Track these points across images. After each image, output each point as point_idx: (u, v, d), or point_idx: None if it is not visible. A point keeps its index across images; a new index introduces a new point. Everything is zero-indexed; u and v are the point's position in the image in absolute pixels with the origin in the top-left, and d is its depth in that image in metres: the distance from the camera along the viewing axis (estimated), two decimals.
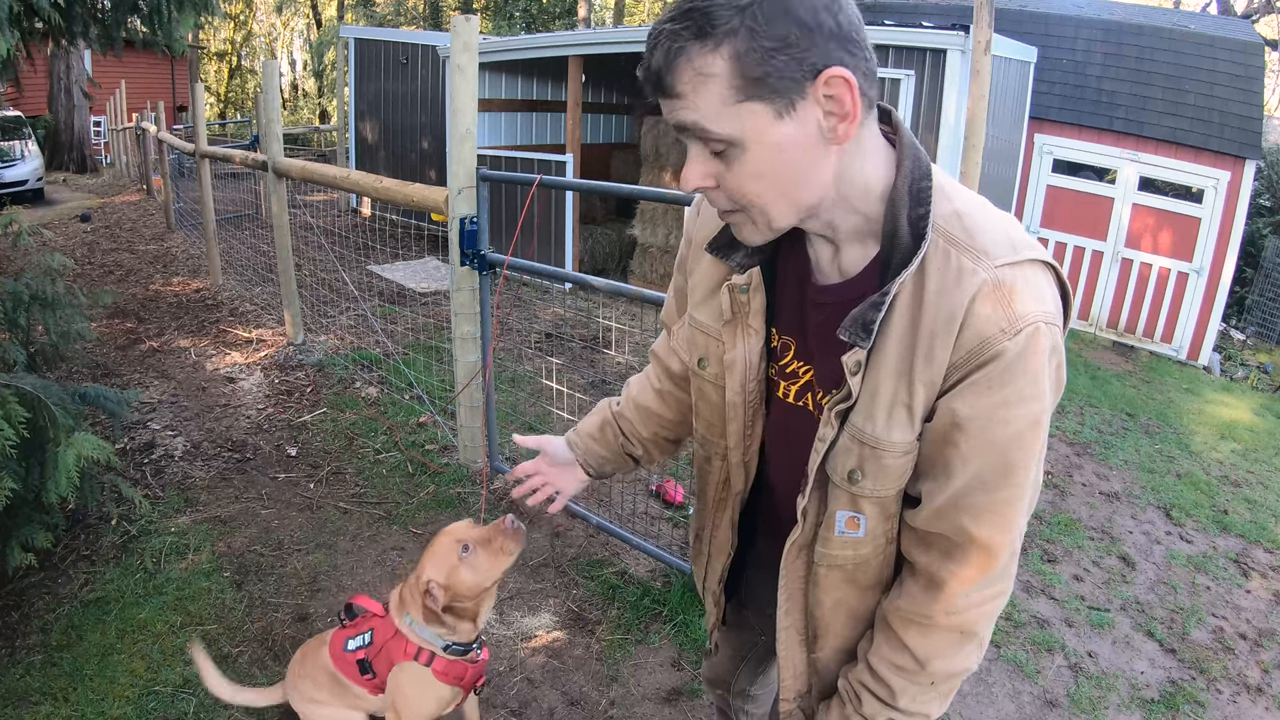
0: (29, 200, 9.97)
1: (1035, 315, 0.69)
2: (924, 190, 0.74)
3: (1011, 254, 0.71)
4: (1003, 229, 0.74)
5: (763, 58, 0.65)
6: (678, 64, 0.68)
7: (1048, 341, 0.70)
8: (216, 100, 25.50)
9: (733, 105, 0.68)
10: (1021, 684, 2.34)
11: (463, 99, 2.70)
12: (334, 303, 5.57)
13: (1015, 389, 0.70)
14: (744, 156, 0.70)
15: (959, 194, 0.76)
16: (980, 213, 0.75)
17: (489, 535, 1.44)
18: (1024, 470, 0.73)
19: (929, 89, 4.17)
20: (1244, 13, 14.36)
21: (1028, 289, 0.70)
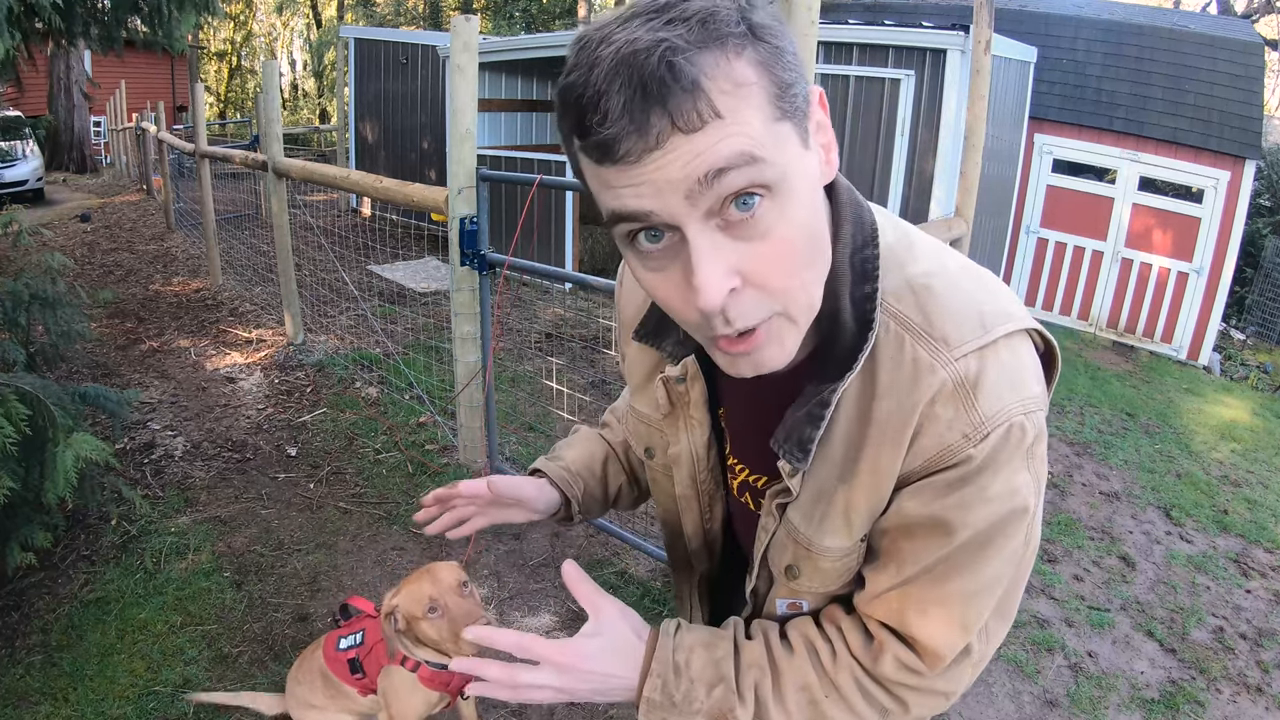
0: (29, 200, 9.97)
1: (1008, 410, 0.57)
2: (869, 261, 0.61)
3: (980, 335, 0.58)
4: (970, 299, 0.60)
5: (780, 82, 0.51)
6: (707, 75, 0.47)
7: (1026, 434, 0.58)
8: (216, 100, 25.50)
9: (774, 124, 0.50)
10: (1021, 684, 2.34)
11: (463, 99, 2.70)
12: (334, 303, 5.57)
13: (977, 488, 0.58)
14: (785, 210, 0.51)
15: (917, 256, 0.63)
16: (942, 279, 0.61)
17: (459, 617, 1.39)
18: (983, 570, 0.61)
19: (929, 89, 4.17)
20: (1244, 13, 14.36)
21: (1000, 377, 0.58)
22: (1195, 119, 6.35)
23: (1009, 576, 0.63)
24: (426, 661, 1.50)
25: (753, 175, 0.48)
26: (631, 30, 0.47)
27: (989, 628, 0.68)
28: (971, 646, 0.67)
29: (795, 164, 0.51)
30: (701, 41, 0.47)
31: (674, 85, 0.46)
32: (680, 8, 0.48)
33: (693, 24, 0.47)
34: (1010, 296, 0.63)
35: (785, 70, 0.51)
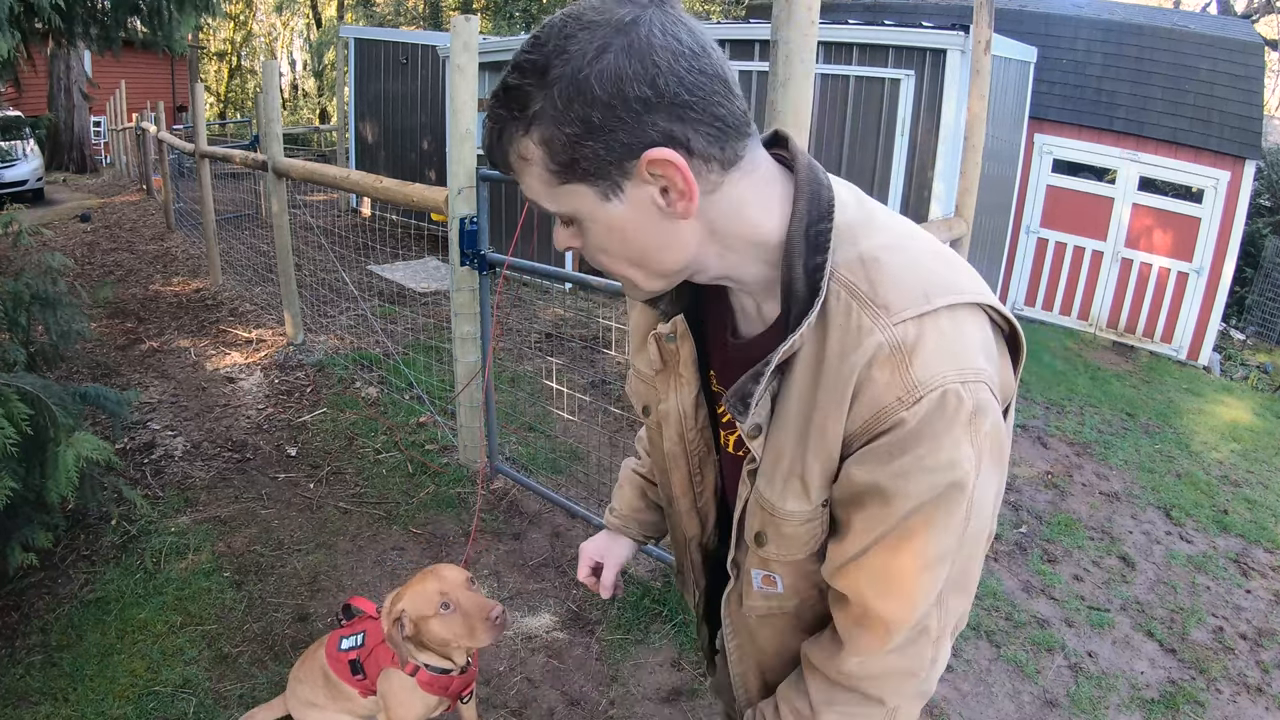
0: (29, 200, 9.96)
1: (943, 377, 0.60)
2: (822, 234, 0.66)
3: (921, 303, 0.62)
4: (917, 272, 0.64)
5: (567, 144, 0.61)
6: (502, 145, 0.65)
7: (963, 404, 0.60)
8: (216, 100, 25.50)
9: (556, 187, 0.65)
10: (1021, 684, 2.34)
11: (463, 99, 2.70)
12: (334, 303, 5.57)
13: (914, 457, 0.61)
14: (585, 231, 0.67)
15: (875, 231, 0.67)
16: (894, 254, 0.65)
17: (471, 609, 1.41)
18: (929, 543, 0.63)
19: (929, 89, 4.16)
20: (1244, 13, 14.37)
21: (938, 344, 0.61)
22: (1195, 119, 6.35)
23: (944, 548, 0.65)
24: (427, 666, 1.50)
25: (548, 210, 0.67)
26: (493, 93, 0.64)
27: (946, 602, 0.70)
28: (929, 624, 0.70)
29: (590, 210, 0.65)
30: (510, 115, 0.63)
31: (491, 145, 0.66)
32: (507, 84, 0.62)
33: (509, 101, 0.62)
34: (971, 276, 0.67)
35: (569, 152, 0.61)
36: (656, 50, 0.59)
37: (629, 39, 0.59)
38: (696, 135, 0.61)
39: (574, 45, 0.59)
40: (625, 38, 0.59)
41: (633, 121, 0.60)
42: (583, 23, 0.60)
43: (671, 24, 0.61)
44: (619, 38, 0.59)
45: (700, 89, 0.61)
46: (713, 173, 0.64)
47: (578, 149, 0.61)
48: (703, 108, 0.61)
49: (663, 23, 0.60)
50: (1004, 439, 0.65)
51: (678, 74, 0.59)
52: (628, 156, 0.61)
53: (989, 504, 0.66)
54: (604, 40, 0.59)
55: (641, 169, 0.62)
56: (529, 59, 0.61)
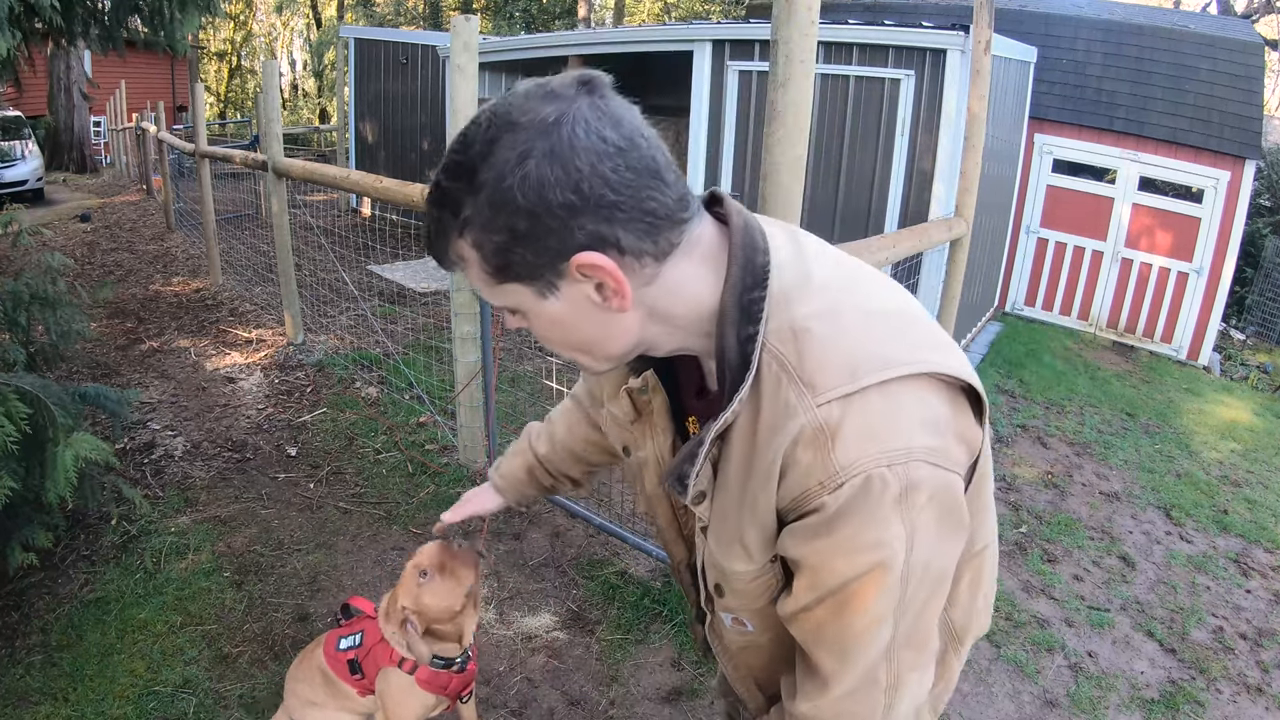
0: (29, 200, 9.97)
1: (867, 461, 0.59)
2: (755, 302, 0.65)
3: (847, 382, 0.61)
4: (848, 345, 0.63)
5: (497, 250, 0.63)
6: (440, 244, 0.66)
7: (889, 486, 0.59)
8: (216, 100, 25.50)
9: (495, 285, 0.66)
10: (1021, 684, 2.34)
11: (463, 99, 2.70)
12: (334, 303, 5.57)
13: (838, 539, 0.61)
14: (529, 321, 0.70)
15: (810, 295, 0.66)
16: (826, 323, 0.64)
17: (444, 559, 1.44)
18: (863, 610, 0.64)
19: (929, 89, 4.16)
20: (1244, 13, 14.37)
21: (862, 427, 0.60)
22: (1195, 119, 6.34)
23: (878, 615, 0.65)
24: (436, 658, 1.50)
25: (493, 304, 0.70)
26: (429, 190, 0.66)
27: (896, 655, 0.69)
28: (878, 676, 0.70)
29: (530, 306, 0.67)
30: (447, 217, 0.63)
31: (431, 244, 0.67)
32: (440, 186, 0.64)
33: (444, 203, 0.63)
34: (915, 338, 0.66)
35: (500, 257, 0.63)
36: (580, 153, 0.59)
37: (551, 143, 0.59)
38: (626, 233, 0.62)
39: (499, 150, 0.60)
40: (548, 141, 0.59)
41: (559, 227, 0.60)
42: (508, 123, 0.60)
43: (597, 118, 0.60)
44: (542, 141, 0.59)
45: (627, 187, 0.61)
46: (646, 266, 0.64)
47: (508, 255, 0.63)
48: (631, 205, 0.61)
49: (588, 118, 0.60)
50: (951, 503, 0.64)
51: (602, 175, 0.59)
52: (558, 260, 0.62)
53: (935, 567, 0.66)
54: (527, 145, 0.59)
55: (572, 270, 0.63)
56: (457, 161, 0.62)
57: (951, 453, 0.64)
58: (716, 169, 5.13)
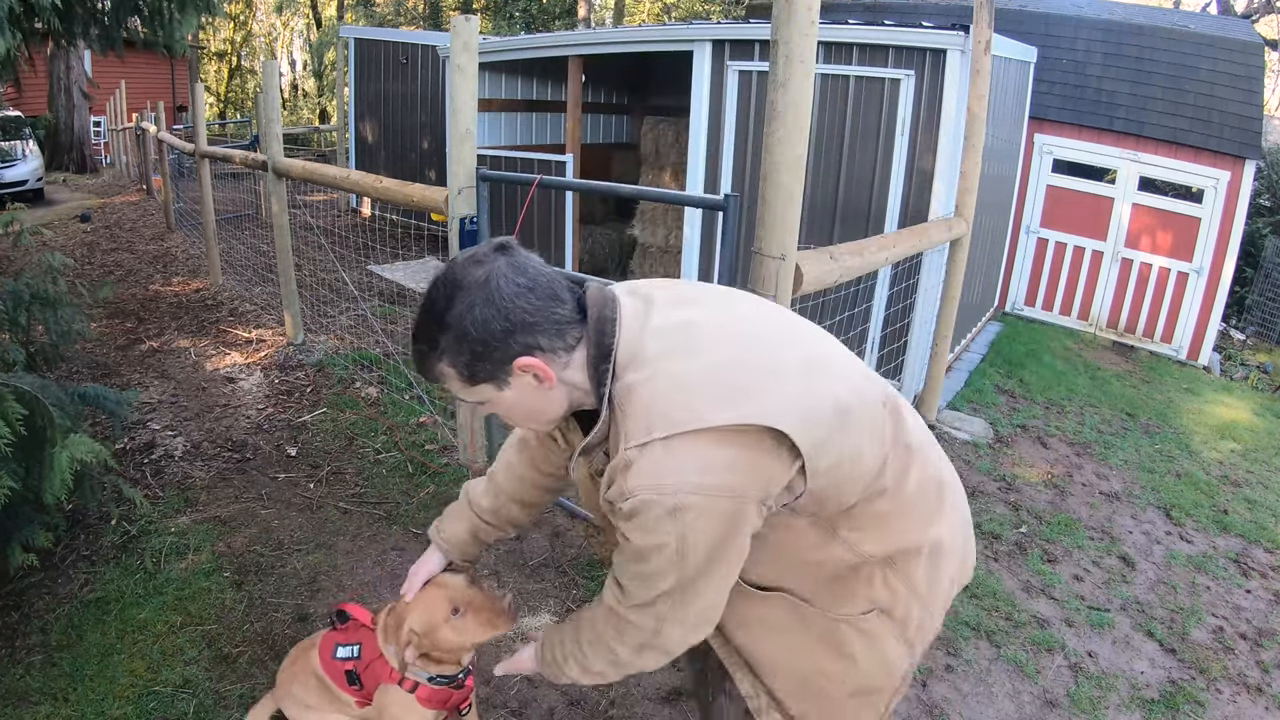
0: (29, 200, 9.96)
1: (642, 489, 0.92)
2: (602, 373, 0.99)
3: (642, 436, 0.92)
4: (655, 406, 0.93)
5: (467, 366, 0.98)
6: (426, 366, 1.01)
7: (657, 504, 0.92)
8: (216, 100, 25.49)
9: (468, 388, 1.02)
10: (1021, 684, 2.34)
11: (463, 99, 2.70)
12: (334, 303, 5.57)
13: (630, 526, 0.96)
14: (493, 406, 1.05)
15: (643, 364, 0.96)
16: (645, 387, 0.95)
17: (483, 605, 1.41)
18: (648, 565, 0.97)
19: (929, 89, 4.16)
20: (1244, 13, 14.36)
21: (645, 469, 0.92)
22: (1195, 119, 6.34)
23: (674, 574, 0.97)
24: (432, 679, 1.49)
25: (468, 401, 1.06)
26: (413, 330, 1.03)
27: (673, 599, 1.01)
28: (656, 606, 1.02)
29: (494, 397, 1.03)
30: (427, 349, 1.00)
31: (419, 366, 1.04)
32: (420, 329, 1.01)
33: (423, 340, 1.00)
34: (710, 402, 0.92)
35: (469, 370, 0.99)
36: (505, 297, 0.95)
37: (486, 293, 0.95)
38: (544, 337, 0.97)
39: (454, 305, 0.96)
40: (484, 292, 0.95)
41: (501, 346, 0.97)
42: (456, 285, 0.96)
43: (511, 271, 0.96)
44: (480, 293, 0.95)
45: (539, 311, 0.97)
46: (561, 356, 1.00)
47: (473, 368, 0.99)
48: (544, 321, 0.97)
49: (505, 271, 0.96)
50: (721, 516, 0.93)
51: (521, 307, 0.96)
52: (505, 364, 0.98)
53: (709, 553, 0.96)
54: (471, 299, 0.95)
55: (516, 370, 0.98)
56: (429, 313, 0.98)
57: (721, 486, 0.92)
58: (716, 169, 5.13)
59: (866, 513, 1.06)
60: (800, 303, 2.44)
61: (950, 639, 2.50)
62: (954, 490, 1.18)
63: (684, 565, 0.96)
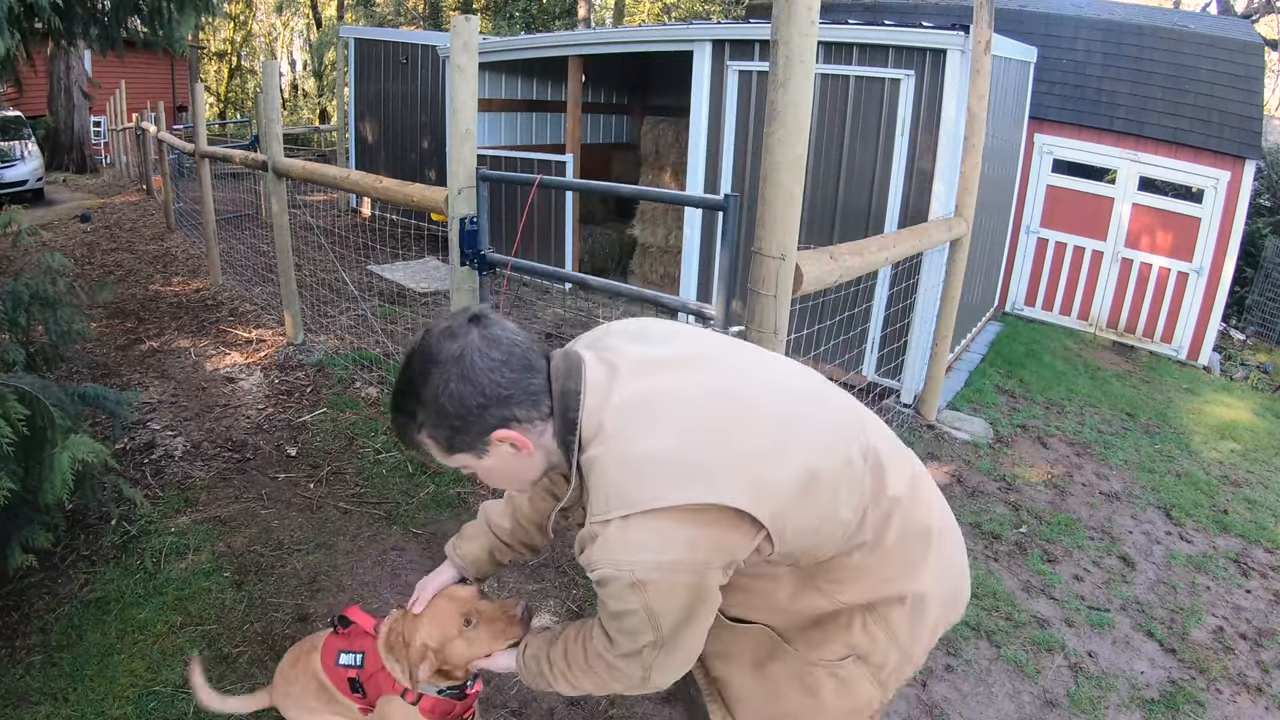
0: (29, 200, 9.97)
1: (602, 564, 0.96)
2: (569, 445, 1.02)
3: (603, 513, 0.96)
4: (613, 483, 0.96)
5: (445, 438, 1.01)
6: (407, 436, 1.05)
7: (619, 579, 0.95)
8: (216, 100, 25.49)
9: (447, 456, 1.05)
10: (1021, 684, 2.34)
11: (463, 99, 2.70)
12: (334, 303, 5.57)
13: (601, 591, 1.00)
14: (474, 472, 1.08)
15: (601, 437, 0.98)
16: (606, 461, 0.97)
17: (495, 615, 1.40)
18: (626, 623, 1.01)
19: (929, 89, 4.16)
20: (1244, 13, 14.36)
21: (605, 543, 0.96)
22: (1195, 119, 6.34)
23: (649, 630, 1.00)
24: (440, 691, 1.48)
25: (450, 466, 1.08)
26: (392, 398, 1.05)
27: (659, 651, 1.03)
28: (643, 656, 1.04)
29: (473, 464, 1.06)
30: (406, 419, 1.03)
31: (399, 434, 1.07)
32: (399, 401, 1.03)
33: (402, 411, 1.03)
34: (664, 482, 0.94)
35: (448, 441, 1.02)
36: (479, 372, 0.97)
37: (461, 369, 0.97)
38: (519, 409, 1.00)
39: (430, 381, 0.98)
40: (459, 367, 0.97)
41: (478, 420, 0.99)
42: (432, 360, 0.98)
43: (485, 345, 0.99)
44: (455, 368, 0.97)
45: (514, 384, 0.99)
46: (536, 425, 1.02)
47: (452, 440, 1.01)
48: (518, 394, 0.99)
49: (479, 345, 0.98)
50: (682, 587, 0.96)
51: (496, 382, 0.98)
52: (482, 436, 1.01)
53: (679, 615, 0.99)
54: (445, 375, 0.97)
55: (494, 441, 1.01)
56: (406, 387, 1.01)
57: (684, 561, 0.94)
58: (716, 169, 5.13)
59: (845, 565, 1.08)
60: (800, 303, 2.44)
61: (950, 639, 2.50)
62: (943, 536, 1.17)
63: (659, 625, 0.99)
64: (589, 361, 1.03)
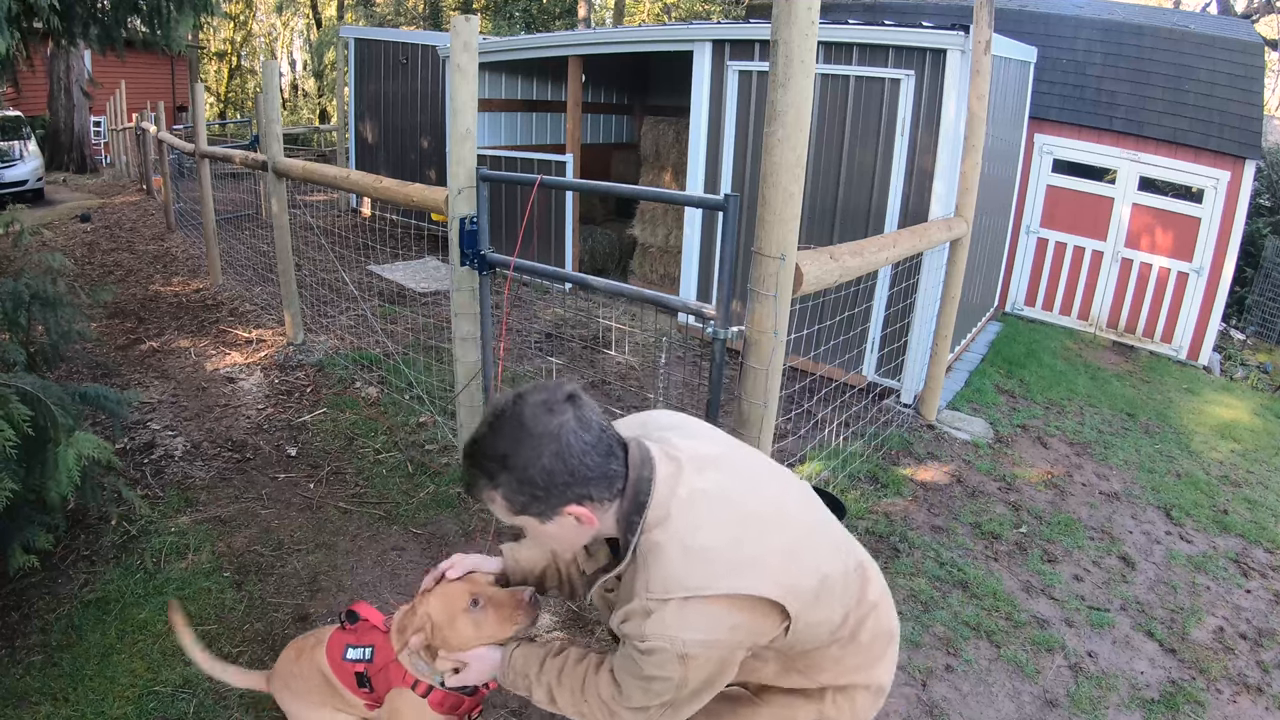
0: (29, 200, 9.96)
1: (655, 638, 1.07)
2: (633, 523, 1.12)
3: (661, 594, 1.07)
4: (674, 569, 1.07)
5: (521, 503, 1.08)
6: (475, 489, 1.12)
7: (668, 651, 1.07)
8: (216, 100, 25.49)
9: (512, 516, 1.12)
10: (1021, 684, 2.34)
11: (463, 99, 2.70)
12: (334, 303, 5.57)
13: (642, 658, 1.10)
14: (529, 533, 1.17)
15: (668, 523, 1.10)
16: (668, 548, 1.08)
17: (504, 600, 1.41)
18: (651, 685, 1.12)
19: (929, 89, 4.16)
20: (1244, 13, 14.36)
21: (659, 620, 1.06)
22: (1195, 119, 6.34)
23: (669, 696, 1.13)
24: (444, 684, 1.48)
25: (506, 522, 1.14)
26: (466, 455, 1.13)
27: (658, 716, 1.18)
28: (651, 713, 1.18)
29: (534, 528, 1.13)
30: (479, 475, 1.10)
31: (469, 488, 1.14)
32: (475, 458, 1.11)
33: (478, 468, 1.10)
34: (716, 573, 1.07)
35: (520, 507, 1.10)
36: (573, 453, 1.06)
37: (557, 447, 1.05)
38: (596, 490, 1.09)
39: (522, 450, 1.05)
40: (555, 445, 1.05)
41: (559, 494, 1.08)
42: (526, 429, 1.06)
43: (582, 425, 1.07)
44: (551, 445, 1.05)
45: (598, 467, 1.08)
46: (605, 505, 1.12)
47: (526, 506, 1.09)
48: (600, 476, 1.09)
49: (575, 426, 1.07)
50: (715, 664, 1.11)
51: (585, 464, 1.07)
52: (556, 508, 1.09)
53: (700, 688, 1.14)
54: (539, 449, 1.05)
55: (564, 513, 1.10)
56: (491, 449, 1.08)
57: (724, 641, 1.08)
58: (716, 169, 5.13)
59: (825, 655, 1.25)
60: (800, 303, 2.44)
61: (950, 639, 2.50)
62: (897, 640, 1.37)
63: (681, 692, 1.13)
64: (656, 455, 1.15)
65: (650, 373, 4.69)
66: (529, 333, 5.39)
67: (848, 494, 3.35)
